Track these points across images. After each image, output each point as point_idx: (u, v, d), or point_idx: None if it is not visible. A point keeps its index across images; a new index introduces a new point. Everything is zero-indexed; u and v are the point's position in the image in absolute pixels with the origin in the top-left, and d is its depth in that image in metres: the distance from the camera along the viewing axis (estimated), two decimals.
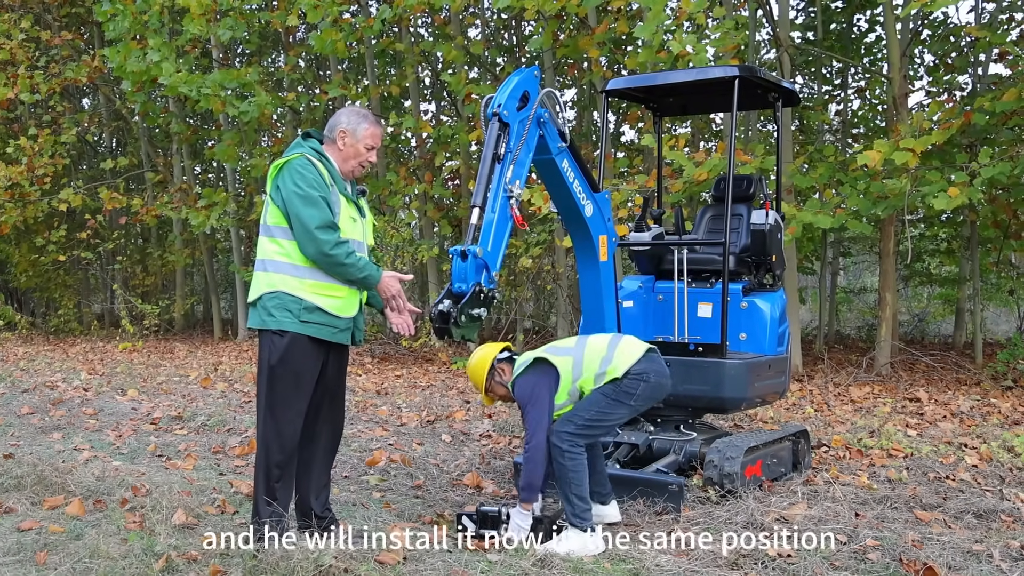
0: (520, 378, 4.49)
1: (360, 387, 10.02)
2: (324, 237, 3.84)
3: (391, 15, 11.30)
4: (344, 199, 4.03)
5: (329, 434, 4.29)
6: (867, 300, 18.34)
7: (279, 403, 3.99)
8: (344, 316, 4.04)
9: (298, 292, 3.94)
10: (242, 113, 12.68)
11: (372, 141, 4.11)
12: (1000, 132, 10.50)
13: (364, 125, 4.10)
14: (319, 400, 4.17)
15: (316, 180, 3.90)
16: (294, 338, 3.95)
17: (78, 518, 4.62)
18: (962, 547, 4.17)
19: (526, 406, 4.40)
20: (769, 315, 5.84)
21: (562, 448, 4.32)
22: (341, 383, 4.30)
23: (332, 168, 4.04)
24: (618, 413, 4.46)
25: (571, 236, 5.33)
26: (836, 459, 6.25)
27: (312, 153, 4.01)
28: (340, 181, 4.06)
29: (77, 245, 17.69)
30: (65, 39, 16.23)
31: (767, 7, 11.83)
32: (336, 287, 3.99)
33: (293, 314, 3.94)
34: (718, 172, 9.18)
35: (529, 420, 4.37)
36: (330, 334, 4.02)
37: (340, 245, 3.87)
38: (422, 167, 14.18)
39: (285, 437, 4.00)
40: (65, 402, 8.79)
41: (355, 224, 4.10)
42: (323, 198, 3.88)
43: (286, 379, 3.98)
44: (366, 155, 4.12)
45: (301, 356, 3.98)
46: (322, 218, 3.85)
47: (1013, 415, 8.00)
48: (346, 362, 4.31)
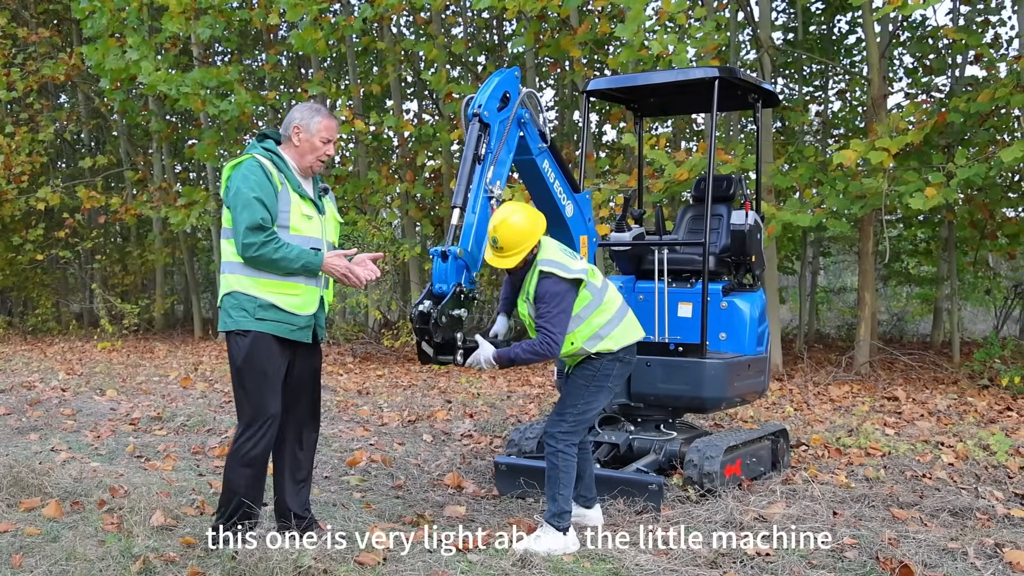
0: (556, 278, 4.25)
1: (341, 387, 9.99)
2: (249, 240, 3.85)
3: (372, 14, 11.27)
4: (299, 197, 4.01)
5: (301, 434, 4.25)
6: (846, 300, 18.48)
7: (252, 403, 3.98)
8: (303, 314, 4.02)
9: (253, 291, 3.95)
10: (222, 112, 12.62)
11: (327, 134, 4.08)
12: (977, 133, 10.62)
13: (317, 119, 4.08)
14: (288, 400, 4.16)
15: (258, 182, 3.89)
16: (256, 336, 3.95)
17: (55, 520, 4.58)
18: (938, 545, 4.21)
19: (552, 306, 4.21)
20: (749, 315, 5.88)
21: (557, 448, 4.30)
22: (312, 382, 4.25)
23: (285, 167, 4.02)
24: (601, 399, 4.44)
25: (552, 236, 5.34)
26: (815, 458, 6.30)
27: (263, 154, 4.01)
28: (294, 179, 4.03)
29: (55, 244, 17.55)
30: (42, 36, 16.10)
31: (748, 8, 11.90)
32: (292, 284, 3.97)
33: (249, 313, 3.95)
34: (699, 172, 9.23)
35: (556, 320, 4.19)
36: (288, 331, 3.99)
37: (266, 244, 3.84)
38: (404, 166, 14.16)
39: (256, 438, 3.98)
40: (42, 403, 8.72)
41: (310, 221, 4.06)
42: (258, 199, 3.86)
43: (254, 378, 3.98)
44: (323, 148, 4.08)
45: (265, 354, 3.96)
46: (251, 220, 3.84)
47: (989, 414, 8.09)
48: (316, 361, 4.27)
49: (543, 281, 4.25)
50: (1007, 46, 12.60)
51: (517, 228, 4.24)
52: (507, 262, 4.29)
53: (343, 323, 14.49)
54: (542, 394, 9.27)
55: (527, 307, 4.37)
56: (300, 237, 3.98)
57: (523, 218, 4.26)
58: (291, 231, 3.96)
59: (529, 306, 4.35)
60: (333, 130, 4.11)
